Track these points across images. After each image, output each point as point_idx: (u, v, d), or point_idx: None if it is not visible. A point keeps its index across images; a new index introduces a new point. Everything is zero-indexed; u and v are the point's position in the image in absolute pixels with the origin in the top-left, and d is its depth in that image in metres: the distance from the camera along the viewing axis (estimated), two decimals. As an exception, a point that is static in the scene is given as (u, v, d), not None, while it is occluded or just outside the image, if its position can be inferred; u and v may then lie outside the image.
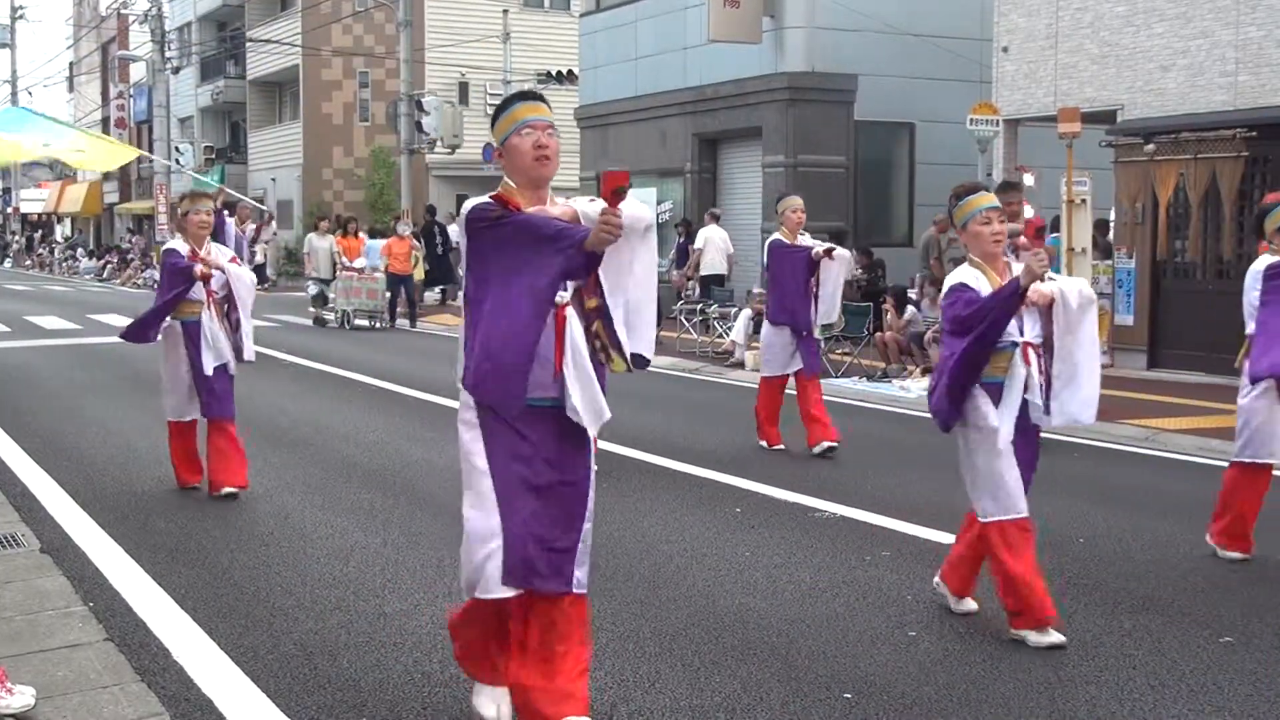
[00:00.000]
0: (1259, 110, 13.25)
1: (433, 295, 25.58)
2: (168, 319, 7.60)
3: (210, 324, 7.51)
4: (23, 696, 4.10)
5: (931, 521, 7.04)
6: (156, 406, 11.55)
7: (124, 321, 21.82)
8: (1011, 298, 4.88)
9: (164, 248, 7.80)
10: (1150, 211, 14.10)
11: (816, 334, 9.57)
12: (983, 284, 5.05)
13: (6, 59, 57.54)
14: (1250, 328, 6.40)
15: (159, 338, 7.67)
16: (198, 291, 7.49)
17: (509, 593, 3.86)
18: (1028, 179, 17.29)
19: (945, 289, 5.13)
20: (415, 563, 6.19)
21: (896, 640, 5.05)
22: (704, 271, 19.45)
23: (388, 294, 21.29)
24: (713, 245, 19.62)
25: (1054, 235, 14.17)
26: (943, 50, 20.02)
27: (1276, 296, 6.19)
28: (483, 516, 3.88)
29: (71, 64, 60.15)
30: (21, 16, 57.11)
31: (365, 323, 21.15)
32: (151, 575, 5.90)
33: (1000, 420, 5.04)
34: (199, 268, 7.42)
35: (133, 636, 4.99)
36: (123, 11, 50.03)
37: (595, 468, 4.04)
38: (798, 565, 6.17)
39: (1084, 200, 11.85)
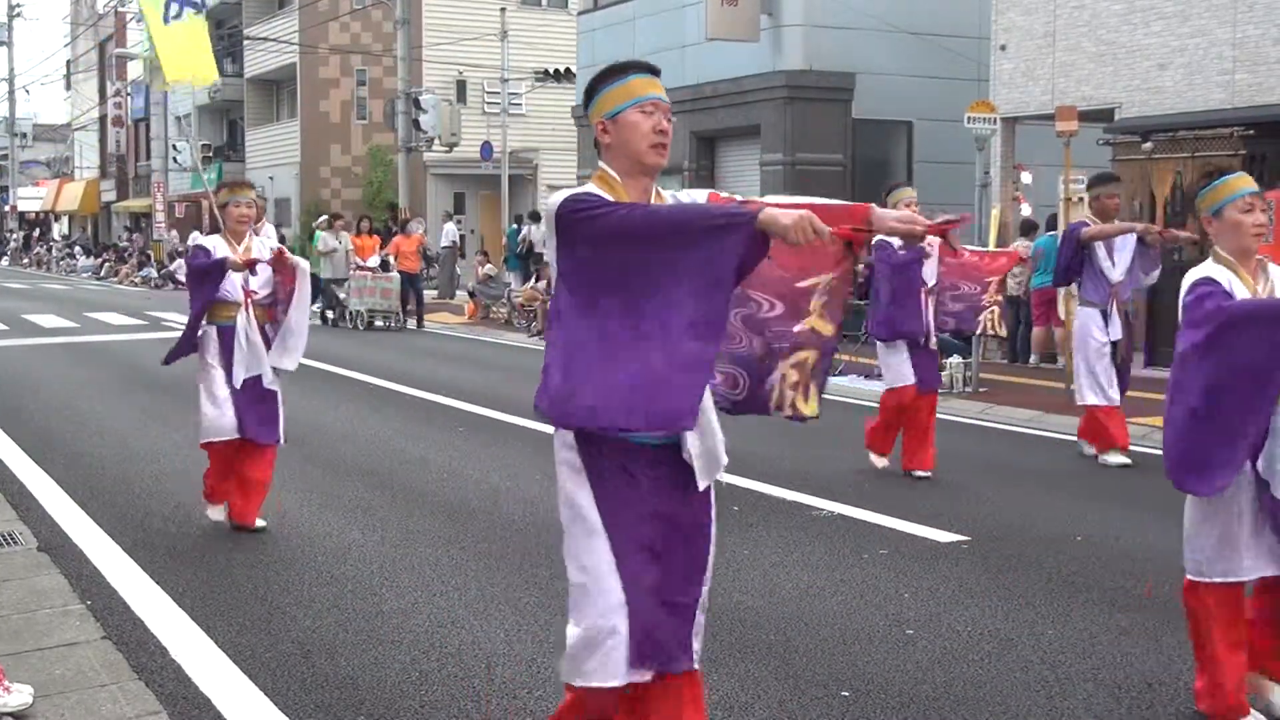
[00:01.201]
0: (1256, 109, 13.26)
1: (430, 292, 25.58)
2: (202, 325, 6.74)
3: (249, 329, 6.65)
4: (20, 695, 4.10)
5: (930, 520, 7.04)
6: (154, 405, 11.58)
7: (123, 320, 21.91)
8: None
9: (193, 244, 7.01)
10: (1148, 210, 14.10)
11: (933, 344, 8.54)
12: (1237, 287, 4.07)
13: (4, 57, 57.48)
14: None
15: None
16: (234, 292, 6.64)
17: (638, 677, 3.19)
18: (1025, 177, 17.39)
19: (1185, 287, 4.11)
20: (413, 561, 6.19)
21: (894, 639, 5.05)
22: None
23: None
24: None
25: (1050, 234, 14.20)
26: (940, 48, 20.02)
27: None
28: (598, 584, 3.17)
29: (69, 62, 60.08)
30: (19, 14, 57.01)
31: (381, 323, 20.80)
32: (149, 573, 5.90)
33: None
34: (233, 256, 6.54)
35: (130, 635, 4.99)
36: (120, 9, 49.97)
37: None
38: (795, 564, 6.18)
39: (1081, 198, 11.85)
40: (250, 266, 6.56)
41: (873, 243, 8.03)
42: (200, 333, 6.72)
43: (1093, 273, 8.81)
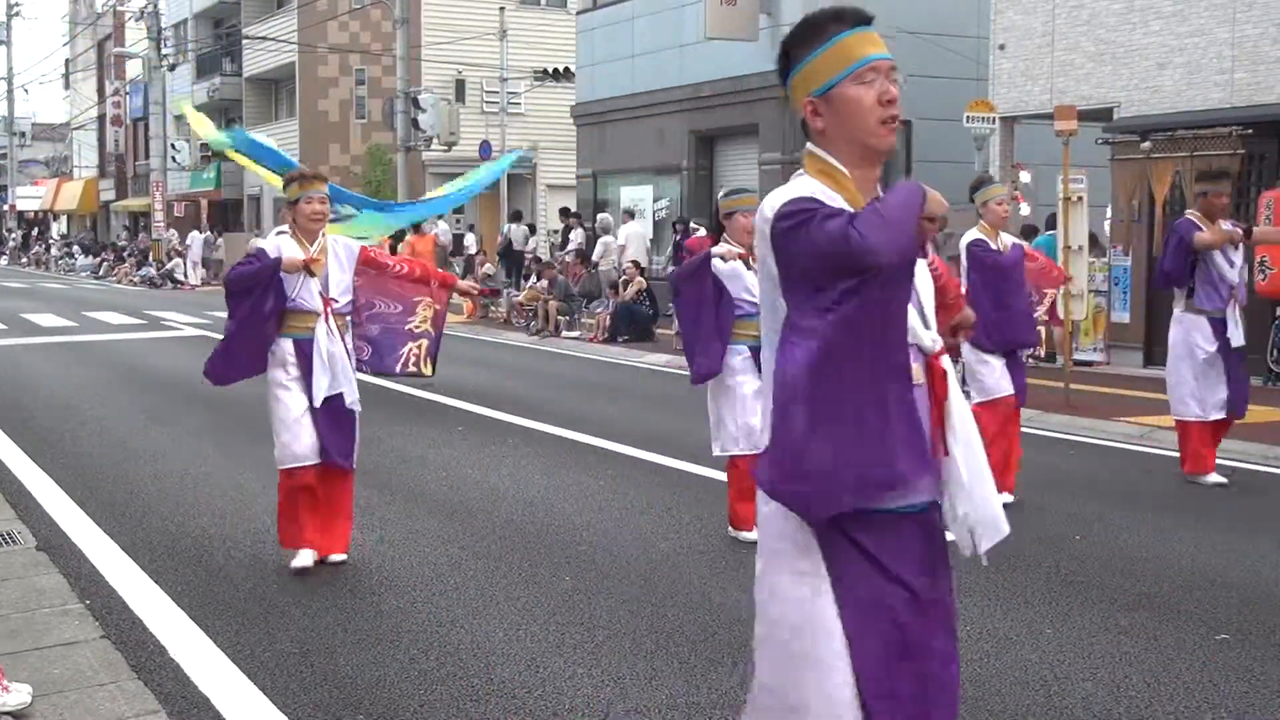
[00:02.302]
0: (1255, 108, 13.27)
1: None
2: (276, 340, 5.89)
3: (329, 341, 5.86)
4: (19, 694, 4.10)
5: (928, 519, 7.02)
6: (153, 405, 11.58)
7: (122, 319, 21.88)
8: None
9: (252, 246, 6.33)
10: (1147, 209, 14.11)
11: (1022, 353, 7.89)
12: None
13: (3, 56, 57.48)
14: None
15: (267, 357, 5.94)
16: (310, 300, 5.84)
17: None
18: (1024, 176, 17.39)
19: None
20: (412, 560, 6.19)
21: (893, 638, 5.04)
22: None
23: None
24: (635, 241, 20.71)
25: (1049, 233, 14.20)
26: (939, 48, 20.02)
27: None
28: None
29: (68, 61, 60.09)
30: (18, 13, 57.02)
31: None
32: (148, 573, 5.89)
33: None
34: (291, 257, 5.78)
35: (129, 634, 4.99)
36: (119, 8, 49.98)
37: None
38: (794, 563, 6.17)
39: (1080, 198, 11.86)
40: (306, 267, 5.80)
41: (968, 243, 7.60)
42: (272, 346, 5.89)
43: (1208, 278, 8.09)
